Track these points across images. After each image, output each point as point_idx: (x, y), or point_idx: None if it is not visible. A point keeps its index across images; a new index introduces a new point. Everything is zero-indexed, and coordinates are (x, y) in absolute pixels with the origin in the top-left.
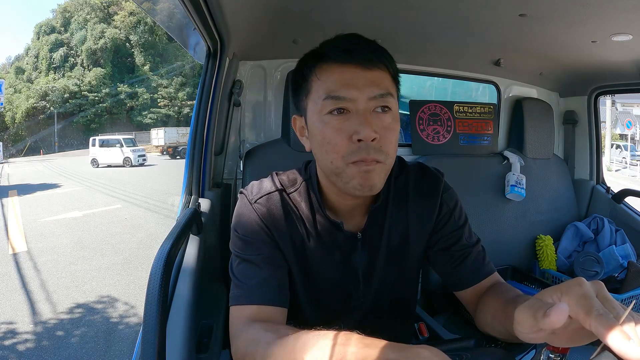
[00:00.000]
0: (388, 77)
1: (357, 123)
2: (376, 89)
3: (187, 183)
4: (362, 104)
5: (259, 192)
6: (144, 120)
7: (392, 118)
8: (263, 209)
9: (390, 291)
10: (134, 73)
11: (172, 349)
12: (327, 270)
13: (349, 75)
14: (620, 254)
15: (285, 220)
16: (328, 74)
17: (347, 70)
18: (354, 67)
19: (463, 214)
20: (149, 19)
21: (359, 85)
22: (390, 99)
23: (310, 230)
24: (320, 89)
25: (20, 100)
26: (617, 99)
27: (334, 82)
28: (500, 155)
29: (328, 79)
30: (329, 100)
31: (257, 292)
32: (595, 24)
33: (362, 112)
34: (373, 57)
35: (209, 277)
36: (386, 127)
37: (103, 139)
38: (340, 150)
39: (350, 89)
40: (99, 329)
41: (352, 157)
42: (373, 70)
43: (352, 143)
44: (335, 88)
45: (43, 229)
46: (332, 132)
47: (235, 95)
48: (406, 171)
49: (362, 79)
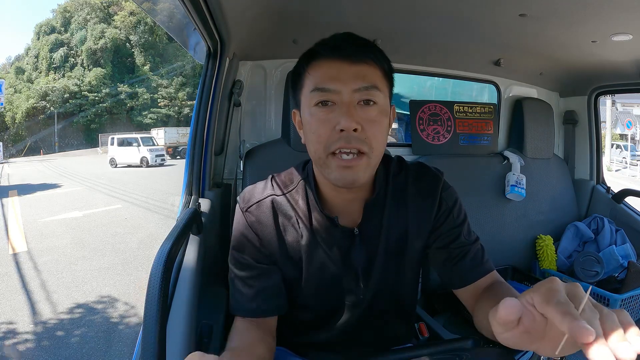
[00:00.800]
0: (376, 72)
1: (340, 114)
2: (360, 81)
3: (187, 183)
4: (346, 95)
5: (249, 200)
6: (144, 120)
7: (378, 111)
8: (252, 217)
9: (390, 289)
10: (134, 73)
11: (172, 349)
12: (326, 267)
13: (335, 69)
14: (621, 254)
15: (276, 225)
16: (317, 69)
17: (334, 64)
18: (340, 62)
19: (462, 212)
20: (149, 19)
21: (343, 78)
22: (375, 92)
23: (308, 227)
24: (310, 83)
25: (20, 100)
26: (617, 99)
27: (321, 76)
28: (500, 155)
29: (317, 73)
30: (316, 93)
31: (244, 306)
32: (595, 24)
33: (346, 103)
34: (360, 52)
35: (209, 277)
36: (371, 119)
37: (121, 137)
38: (323, 140)
39: (335, 81)
40: (99, 329)
41: (332, 146)
42: (359, 65)
43: (334, 133)
44: (321, 81)
45: (43, 229)
46: (318, 123)
47: (236, 95)
48: (405, 170)
49: (347, 72)
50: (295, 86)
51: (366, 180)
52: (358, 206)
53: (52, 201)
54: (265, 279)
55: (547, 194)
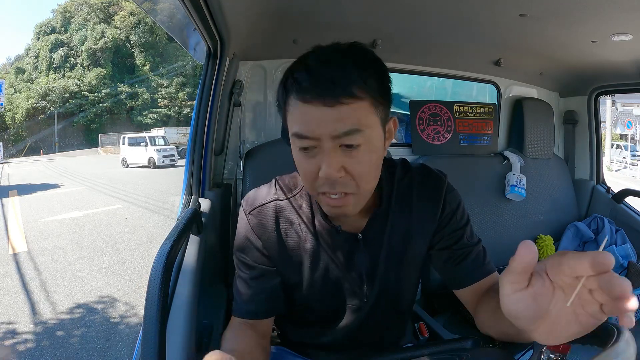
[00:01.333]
0: (361, 106)
1: (321, 160)
2: (340, 126)
3: (188, 183)
4: (326, 142)
5: (253, 202)
6: (144, 120)
7: (363, 151)
8: (255, 220)
9: (392, 291)
10: (134, 73)
11: (172, 349)
12: (330, 271)
13: (310, 116)
14: (621, 254)
15: (278, 229)
16: (294, 110)
17: (309, 109)
18: (316, 105)
19: (465, 215)
20: (149, 19)
21: (320, 124)
22: (357, 135)
23: (311, 232)
24: (291, 123)
25: (20, 100)
26: (617, 99)
27: (297, 121)
28: (500, 155)
29: (293, 116)
30: (295, 139)
31: (243, 307)
32: (595, 24)
33: (327, 150)
34: (338, 92)
35: (209, 277)
36: (357, 162)
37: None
38: (310, 181)
39: (312, 128)
40: (99, 329)
41: (319, 189)
42: (337, 107)
43: (320, 177)
44: (299, 127)
45: (43, 229)
46: (303, 166)
47: (236, 96)
48: (410, 173)
49: (325, 117)
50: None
51: (358, 210)
52: (362, 213)
53: (52, 201)
54: (264, 281)
55: (547, 194)
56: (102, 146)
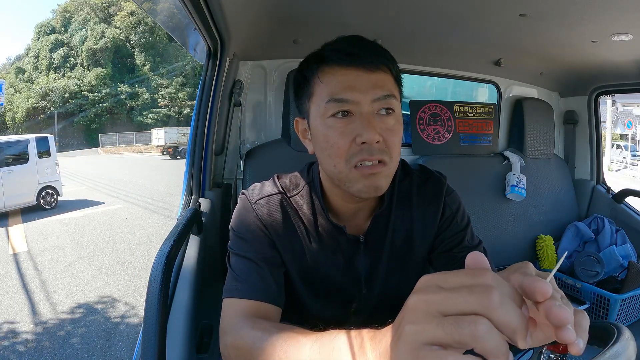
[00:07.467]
0: (391, 79)
1: (361, 126)
2: (379, 91)
3: (188, 183)
4: (365, 106)
5: (260, 193)
6: (145, 120)
7: (396, 120)
8: (263, 209)
9: (392, 295)
10: (135, 73)
11: (173, 349)
12: (329, 274)
13: (352, 78)
14: (621, 254)
15: (284, 223)
16: (331, 77)
17: (350, 73)
18: (357, 70)
19: (465, 217)
20: (149, 19)
21: (362, 87)
22: (393, 100)
23: (312, 233)
24: (324, 92)
25: (20, 100)
26: (618, 98)
27: (337, 85)
28: (500, 155)
29: (331, 82)
30: (332, 103)
31: (256, 287)
32: (595, 24)
33: (366, 114)
34: (376, 60)
35: (209, 277)
36: (390, 129)
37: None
38: (343, 153)
39: (353, 91)
40: (100, 329)
41: (354, 159)
42: (376, 73)
43: (355, 145)
44: (338, 91)
45: (43, 229)
46: (336, 135)
47: (236, 96)
48: (410, 175)
49: (365, 82)
50: (302, 93)
51: (387, 187)
52: (364, 214)
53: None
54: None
55: (547, 194)
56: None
